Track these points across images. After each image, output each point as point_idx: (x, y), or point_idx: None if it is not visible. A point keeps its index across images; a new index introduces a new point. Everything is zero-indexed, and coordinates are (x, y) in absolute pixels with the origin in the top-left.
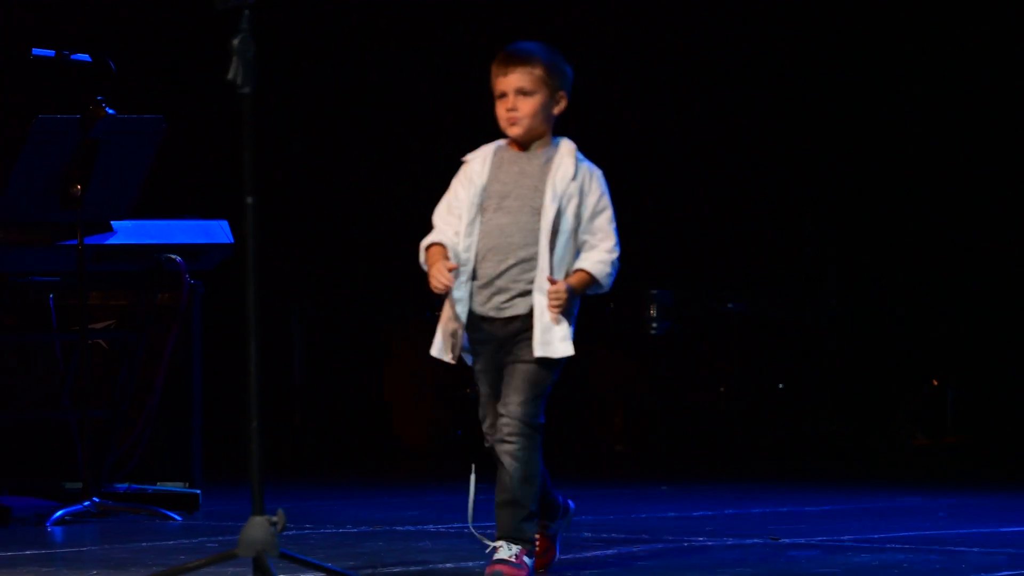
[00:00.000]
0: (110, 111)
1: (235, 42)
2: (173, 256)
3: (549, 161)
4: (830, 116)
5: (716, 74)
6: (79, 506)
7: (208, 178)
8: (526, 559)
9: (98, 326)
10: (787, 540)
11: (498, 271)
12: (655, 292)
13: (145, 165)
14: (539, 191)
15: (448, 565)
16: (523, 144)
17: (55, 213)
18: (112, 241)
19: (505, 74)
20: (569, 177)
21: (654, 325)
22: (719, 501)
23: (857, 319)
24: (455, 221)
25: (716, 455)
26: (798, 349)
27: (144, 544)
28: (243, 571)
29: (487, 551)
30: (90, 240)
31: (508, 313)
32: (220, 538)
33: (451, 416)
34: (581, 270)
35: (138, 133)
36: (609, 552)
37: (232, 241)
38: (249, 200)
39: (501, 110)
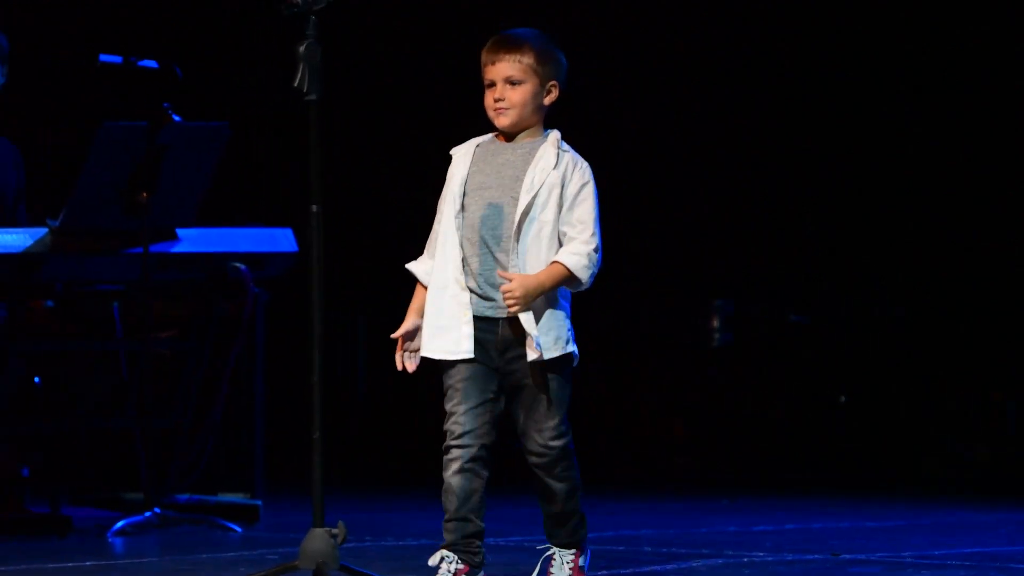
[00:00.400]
0: (176, 118)
1: (301, 48)
2: (237, 264)
3: (533, 152)
4: (895, 129)
5: (786, 92)
6: (140, 517)
7: (273, 185)
8: (580, 562)
9: (162, 335)
10: (847, 556)
11: (482, 267)
12: (718, 303)
13: (210, 172)
14: (519, 181)
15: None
16: (509, 135)
17: (120, 221)
18: (177, 249)
19: (494, 62)
20: (550, 167)
21: (716, 336)
22: (780, 515)
23: (919, 331)
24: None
25: (777, 468)
26: (860, 362)
27: (204, 556)
28: None
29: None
30: (155, 248)
31: (503, 314)
32: (280, 550)
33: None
34: (555, 262)
35: (203, 140)
36: (669, 567)
37: (297, 249)
38: (314, 208)
39: (489, 99)
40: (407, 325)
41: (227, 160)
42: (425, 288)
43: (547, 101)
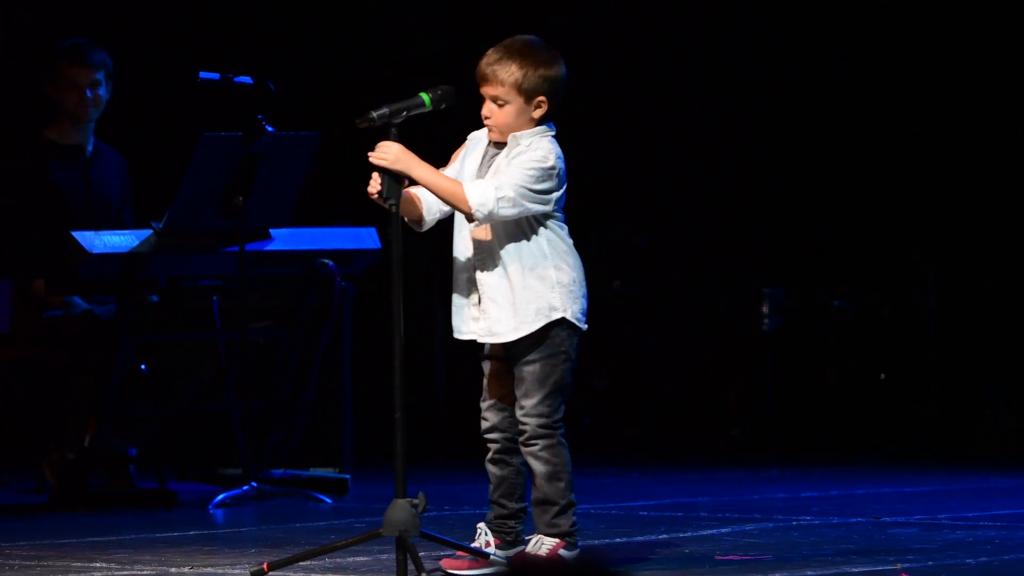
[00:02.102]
0: (270, 128)
1: None
2: (326, 261)
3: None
4: (931, 112)
5: (827, 78)
6: (239, 490)
7: (359, 188)
8: (563, 552)
9: (257, 325)
10: (888, 519)
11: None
12: (767, 290)
13: (301, 177)
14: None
15: (596, 542)
16: (499, 145)
17: (219, 222)
18: (270, 248)
19: (482, 80)
20: (502, 157)
21: (766, 320)
22: (826, 483)
23: (953, 311)
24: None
25: (824, 440)
26: (898, 341)
27: (298, 525)
28: (387, 549)
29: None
30: (250, 247)
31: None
32: (367, 519)
33: (580, 404)
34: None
35: (295, 148)
36: (724, 530)
37: (380, 247)
38: (394, 209)
39: (484, 110)
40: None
41: (318, 165)
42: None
43: (535, 115)
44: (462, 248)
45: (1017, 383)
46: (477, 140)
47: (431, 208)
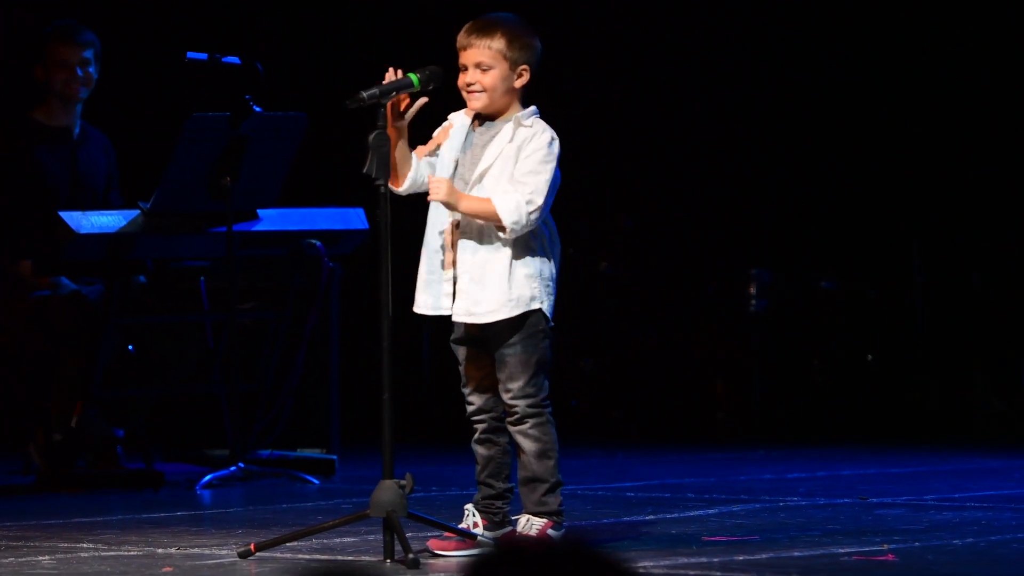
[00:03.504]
0: (257, 109)
1: (371, 138)
2: (313, 241)
3: (497, 132)
4: (919, 98)
5: (814, 63)
6: (226, 471)
7: (347, 168)
8: (551, 531)
9: (245, 307)
10: (875, 500)
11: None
12: (754, 271)
13: (289, 158)
14: (476, 162)
15: (583, 522)
16: (482, 119)
17: (206, 203)
18: (258, 228)
19: (465, 48)
20: (505, 141)
21: (753, 302)
22: (812, 464)
23: (940, 295)
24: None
25: (810, 422)
26: (885, 323)
27: (285, 506)
28: (375, 530)
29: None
30: (238, 227)
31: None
32: (354, 500)
33: (567, 386)
34: (489, 199)
35: (283, 129)
36: (711, 511)
37: (368, 227)
38: (382, 188)
39: (462, 81)
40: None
41: (306, 146)
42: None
43: (518, 84)
44: (439, 223)
45: (1002, 366)
46: (457, 122)
47: (416, 181)
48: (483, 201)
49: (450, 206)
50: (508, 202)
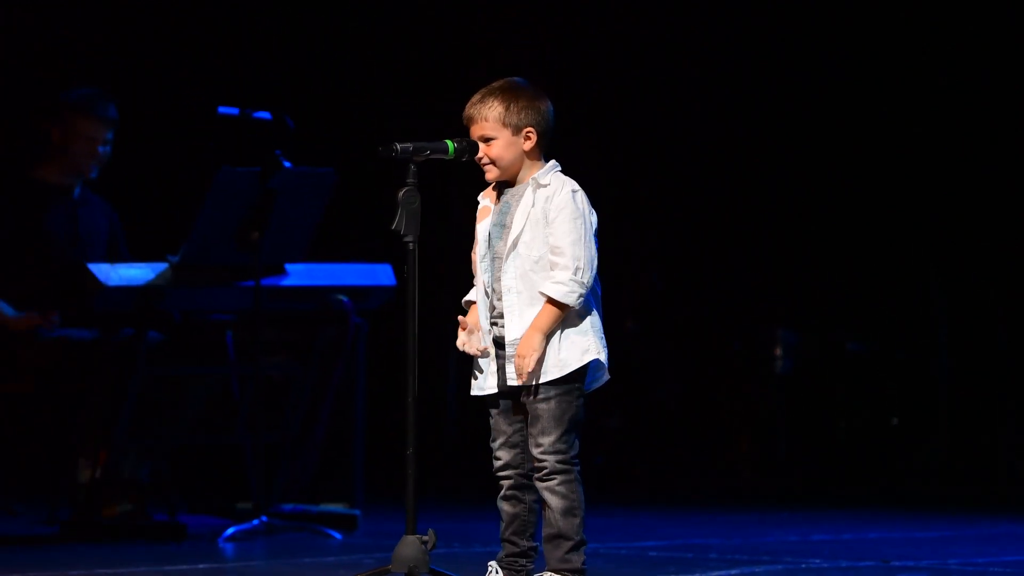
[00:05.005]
0: (287, 164)
1: (400, 194)
2: (341, 296)
3: (520, 196)
4: (948, 159)
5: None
6: (249, 524)
7: (374, 224)
8: None
9: (271, 360)
10: (897, 563)
11: (493, 312)
12: (781, 332)
13: (318, 213)
14: (507, 232)
15: None
16: (505, 184)
17: (234, 256)
18: (285, 283)
19: (468, 123)
20: (528, 206)
21: (779, 363)
22: (837, 526)
23: (966, 358)
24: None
25: (835, 483)
26: (911, 386)
27: (307, 560)
28: None
29: None
30: (266, 282)
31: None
32: (376, 555)
33: (592, 444)
34: (543, 295)
35: (312, 184)
36: (734, 571)
37: (395, 283)
38: (411, 245)
39: (477, 156)
40: (470, 320)
41: (335, 201)
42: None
43: (527, 147)
44: (481, 314)
45: None
46: (484, 200)
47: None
48: (547, 313)
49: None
50: (559, 289)
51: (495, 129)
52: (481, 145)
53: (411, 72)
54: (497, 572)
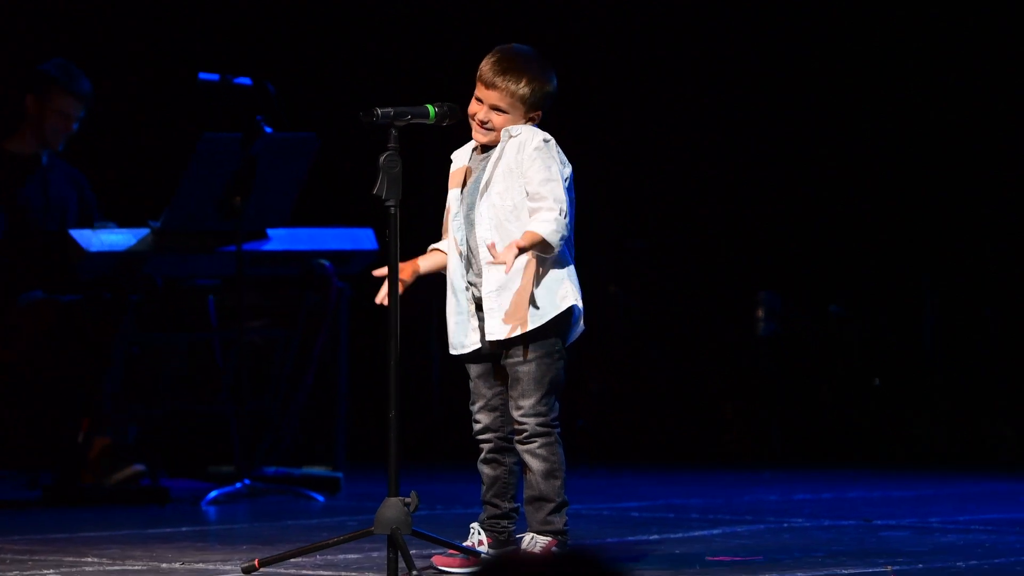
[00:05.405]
0: (268, 129)
1: (381, 159)
2: (323, 261)
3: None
4: (930, 124)
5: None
6: (231, 487)
7: (356, 188)
8: (555, 551)
9: (254, 325)
10: (879, 522)
11: (474, 271)
12: (763, 295)
13: (300, 178)
14: (478, 181)
15: (588, 541)
16: (484, 147)
17: (217, 222)
18: (267, 248)
19: (488, 86)
20: (497, 155)
21: (761, 326)
22: (818, 486)
23: (950, 322)
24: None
25: (816, 444)
26: (893, 349)
27: (290, 522)
28: (379, 547)
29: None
30: (248, 247)
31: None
32: (359, 517)
33: (574, 406)
34: (528, 231)
35: (293, 150)
36: (715, 531)
37: (377, 247)
38: (392, 209)
39: (473, 110)
40: (405, 266)
41: (317, 166)
42: (437, 251)
43: (528, 125)
44: (459, 266)
45: (1009, 392)
46: (459, 160)
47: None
48: (531, 235)
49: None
50: (547, 225)
51: (513, 105)
52: (488, 111)
53: (393, 37)
54: (479, 534)
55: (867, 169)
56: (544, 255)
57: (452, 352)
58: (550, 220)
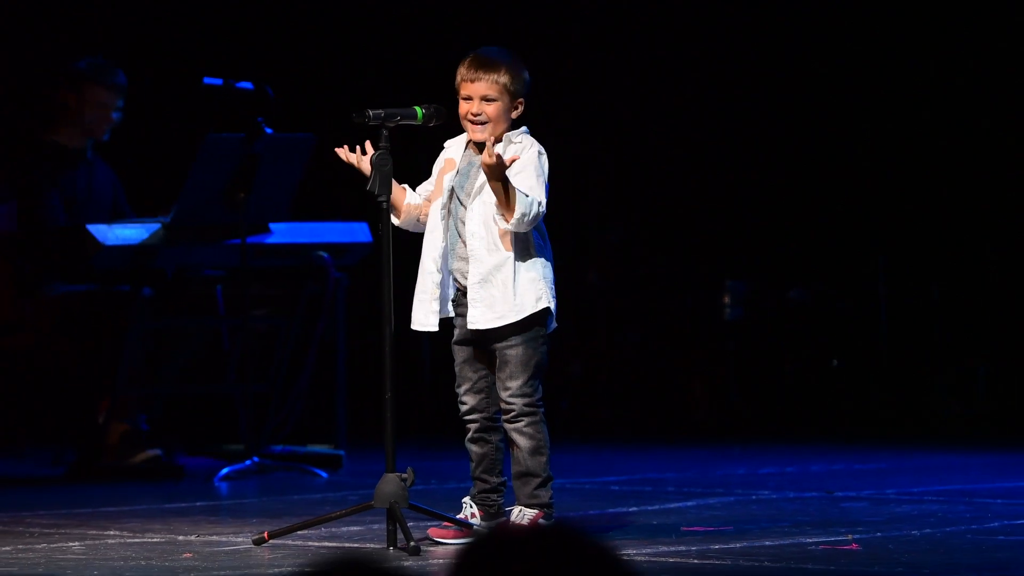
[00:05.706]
0: (268, 130)
1: (373, 157)
2: (321, 253)
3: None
4: (885, 113)
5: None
6: (241, 465)
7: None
8: (542, 522)
9: (258, 312)
10: (840, 493)
11: (459, 261)
12: (729, 282)
13: (298, 175)
14: (473, 181)
15: (571, 513)
16: (480, 145)
17: (222, 216)
18: (270, 240)
19: (472, 80)
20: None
21: (728, 311)
22: (783, 460)
23: (902, 305)
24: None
25: (780, 421)
26: (851, 331)
27: (296, 497)
28: (379, 520)
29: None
30: (251, 240)
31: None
32: (360, 492)
33: (557, 388)
34: (513, 184)
35: (292, 148)
36: (689, 504)
37: (371, 240)
38: (384, 204)
39: (465, 110)
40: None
41: (314, 164)
42: (404, 190)
43: (514, 115)
44: (434, 248)
45: (959, 371)
46: (453, 150)
47: (408, 221)
48: (513, 187)
49: (495, 172)
50: (525, 199)
51: (500, 93)
52: (479, 103)
53: (385, 43)
54: (471, 507)
55: (827, 164)
56: (504, 218)
57: (412, 327)
58: (532, 200)
